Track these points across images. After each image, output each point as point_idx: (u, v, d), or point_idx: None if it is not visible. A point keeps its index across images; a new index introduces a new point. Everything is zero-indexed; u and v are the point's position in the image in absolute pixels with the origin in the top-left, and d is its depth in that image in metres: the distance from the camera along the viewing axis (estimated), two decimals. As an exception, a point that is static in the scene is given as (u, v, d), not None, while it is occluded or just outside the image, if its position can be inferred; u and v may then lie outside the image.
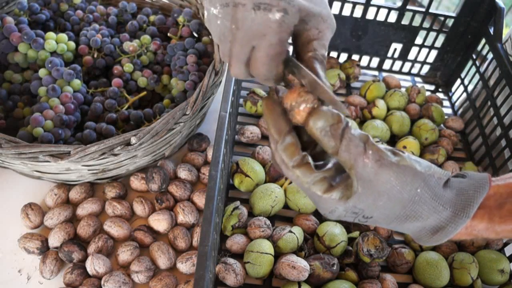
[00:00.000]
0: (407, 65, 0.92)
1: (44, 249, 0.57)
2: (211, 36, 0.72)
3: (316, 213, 0.65)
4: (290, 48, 0.38)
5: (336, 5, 0.80)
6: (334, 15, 0.80)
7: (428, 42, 0.87)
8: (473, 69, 0.82)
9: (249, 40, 0.34)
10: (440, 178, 0.34)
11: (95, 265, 0.54)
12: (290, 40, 0.36)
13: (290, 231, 0.58)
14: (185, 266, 0.56)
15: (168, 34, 0.73)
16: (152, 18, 0.76)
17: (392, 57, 0.90)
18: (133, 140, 0.53)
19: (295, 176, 0.34)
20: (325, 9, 0.37)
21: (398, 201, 0.33)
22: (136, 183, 0.64)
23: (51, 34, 0.64)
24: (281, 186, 0.64)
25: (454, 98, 0.89)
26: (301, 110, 0.34)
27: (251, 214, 0.63)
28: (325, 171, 0.34)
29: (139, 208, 0.62)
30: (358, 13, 0.82)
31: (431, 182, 0.33)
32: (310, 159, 0.34)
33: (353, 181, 0.33)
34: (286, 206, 0.65)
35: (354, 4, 0.80)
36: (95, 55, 0.69)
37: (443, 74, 0.91)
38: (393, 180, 0.32)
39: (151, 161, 0.66)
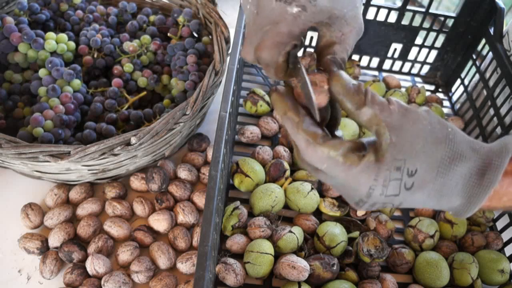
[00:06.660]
0: (407, 65, 0.92)
1: (44, 249, 0.57)
2: (211, 36, 0.73)
3: (316, 213, 0.65)
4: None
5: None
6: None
7: (428, 42, 0.87)
8: (473, 69, 0.82)
9: (263, 26, 0.36)
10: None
11: (95, 265, 0.54)
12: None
13: (290, 231, 0.58)
14: (185, 266, 0.56)
15: (168, 34, 0.73)
16: (152, 18, 0.76)
17: (392, 57, 0.90)
18: (133, 140, 0.53)
19: (326, 152, 0.33)
20: (351, 11, 0.38)
21: (435, 141, 0.33)
22: (136, 183, 0.64)
23: (51, 34, 0.64)
24: (281, 186, 0.64)
25: (454, 98, 0.89)
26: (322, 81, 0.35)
27: (251, 214, 0.63)
28: (351, 142, 0.34)
29: (139, 208, 0.62)
30: (358, 13, 0.82)
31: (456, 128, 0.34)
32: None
33: (384, 134, 0.33)
34: (286, 206, 0.65)
35: (354, 4, 0.80)
36: (95, 55, 0.69)
37: (443, 74, 0.91)
38: (422, 119, 0.33)
39: (151, 161, 0.66)
